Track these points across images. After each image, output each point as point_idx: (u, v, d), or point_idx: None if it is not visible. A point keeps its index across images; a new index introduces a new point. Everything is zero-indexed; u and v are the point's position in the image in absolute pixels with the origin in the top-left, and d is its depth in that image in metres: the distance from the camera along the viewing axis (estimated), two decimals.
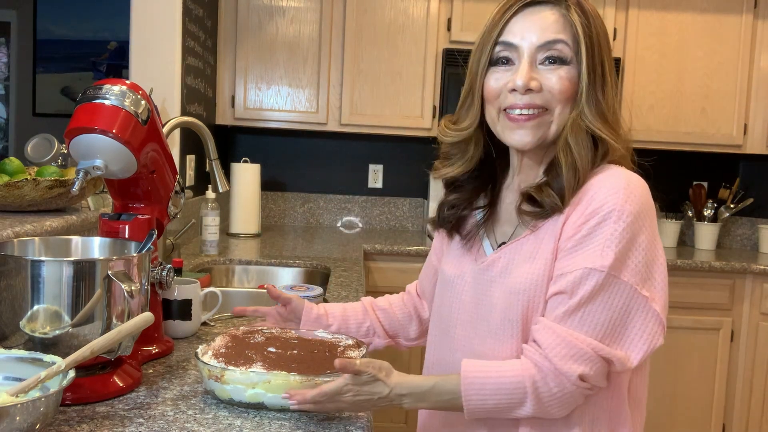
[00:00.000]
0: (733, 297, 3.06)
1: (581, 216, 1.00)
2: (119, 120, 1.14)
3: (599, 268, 0.96)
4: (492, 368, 1.00)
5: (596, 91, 1.03)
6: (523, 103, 1.04)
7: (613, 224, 0.97)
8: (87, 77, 5.03)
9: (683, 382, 3.08)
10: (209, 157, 1.93)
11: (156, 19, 2.45)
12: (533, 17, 1.05)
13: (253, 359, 1.07)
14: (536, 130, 1.05)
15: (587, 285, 0.97)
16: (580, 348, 0.96)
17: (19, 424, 0.79)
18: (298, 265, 2.48)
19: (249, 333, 1.20)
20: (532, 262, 1.04)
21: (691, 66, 3.26)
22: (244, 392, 1.02)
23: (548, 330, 0.99)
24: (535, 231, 1.05)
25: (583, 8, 1.06)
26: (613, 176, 1.01)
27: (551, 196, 1.03)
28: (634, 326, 0.99)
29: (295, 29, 3.21)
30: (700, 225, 3.46)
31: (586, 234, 0.99)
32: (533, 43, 1.04)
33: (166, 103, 2.49)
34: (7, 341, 1.02)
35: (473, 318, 1.11)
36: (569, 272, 0.99)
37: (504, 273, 1.07)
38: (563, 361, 0.96)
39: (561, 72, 1.03)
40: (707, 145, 3.30)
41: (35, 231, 1.36)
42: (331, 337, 1.22)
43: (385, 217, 3.68)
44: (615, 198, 0.98)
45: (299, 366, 1.05)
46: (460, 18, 3.21)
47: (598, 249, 0.97)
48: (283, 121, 3.25)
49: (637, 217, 0.98)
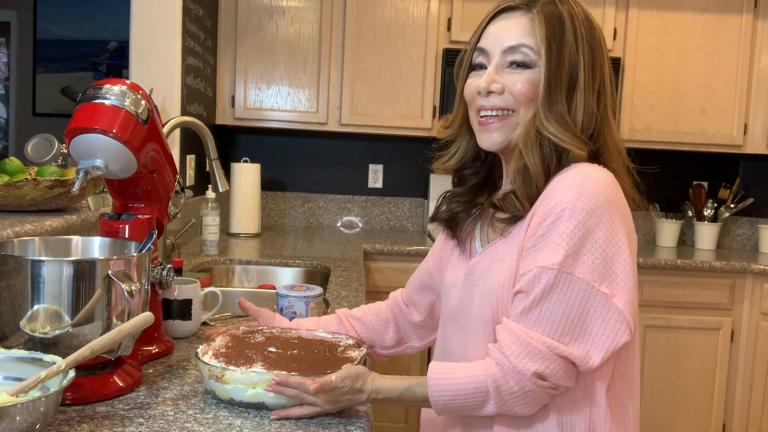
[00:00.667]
0: (733, 297, 3.06)
1: (539, 216, 1.02)
2: (119, 120, 1.14)
3: (550, 266, 0.97)
4: (457, 371, 1.03)
5: (557, 96, 1.04)
6: (488, 105, 1.08)
7: (565, 222, 0.98)
8: (87, 77, 5.02)
9: (683, 382, 3.08)
10: (209, 157, 1.93)
11: (156, 19, 2.45)
12: (503, 22, 1.08)
13: (253, 359, 1.07)
14: (501, 131, 1.08)
15: (540, 283, 0.98)
16: (534, 346, 0.97)
17: (19, 424, 0.79)
18: (298, 265, 2.48)
19: (249, 333, 1.21)
20: (502, 264, 1.07)
21: (691, 66, 3.26)
22: (245, 392, 1.02)
23: (506, 329, 1.01)
24: (506, 236, 1.09)
25: (555, 13, 1.05)
26: (571, 175, 1.01)
27: (513, 203, 1.06)
28: (594, 324, 0.98)
29: (295, 29, 3.21)
30: (700, 225, 3.46)
31: (542, 234, 1.00)
32: (501, 47, 1.07)
33: (166, 103, 2.49)
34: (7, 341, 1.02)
35: (459, 321, 1.14)
36: (526, 272, 1.01)
37: (482, 276, 1.10)
38: (518, 359, 0.98)
39: (524, 76, 1.05)
40: (707, 144, 3.30)
41: (35, 231, 1.36)
42: (332, 336, 1.22)
43: (385, 217, 3.68)
44: (567, 196, 0.98)
45: (299, 366, 1.06)
46: (460, 18, 3.21)
47: (550, 247, 0.98)
48: (283, 121, 3.25)
49: (591, 213, 0.97)
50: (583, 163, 1.04)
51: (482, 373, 1.00)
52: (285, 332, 1.23)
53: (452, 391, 1.02)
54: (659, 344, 3.05)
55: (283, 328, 1.25)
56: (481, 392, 1.00)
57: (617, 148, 1.10)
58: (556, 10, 1.05)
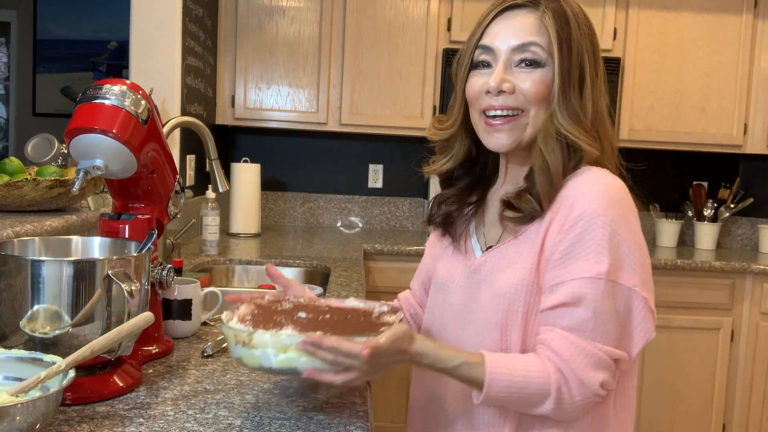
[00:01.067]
0: (733, 297, 3.06)
1: (564, 222, 1.01)
2: (119, 120, 1.14)
3: (596, 276, 0.97)
4: (515, 366, 0.99)
5: (570, 94, 1.03)
6: (498, 105, 1.06)
7: (601, 230, 0.98)
8: (87, 77, 5.03)
9: (683, 382, 3.08)
10: (209, 157, 1.93)
11: (156, 19, 2.45)
12: (510, 21, 1.06)
13: (283, 324, 0.97)
14: (511, 132, 1.06)
15: (590, 295, 0.97)
16: (599, 356, 0.98)
17: (19, 424, 0.79)
18: (298, 265, 2.48)
19: (275, 302, 1.11)
20: (515, 267, 1.05)
21: (691, 66, 3.26)
22: (275, 357, 0.93)
23: (564, 340, 0.99)
24: (517, 237, 1.07)
25: (561, 11, 1.05)
26: (593, 180, 1.01)
27: (530, 202, 1.04)
28: (635, 325, 1.01)
29: (295, 29, 3.21)
30: (700, 225, 3.46)
31: (574, 242, 0.99)
32: (508, 45, 1.05)
33: (166, 103, 2.49)
34: (7, 341, 1.02)
35: (462, 320, 1.13)
36: (565, 282, 0.99)
37: (489, 276, 1.09)
38: (585, 370, 0.97)
39: (535, 74, 1.04)
40: (707, 145, 3.30)
41: (35, 231, 1.36)
42: (364, 304, 1.12)
43: (385, 217, 3.68)
44: (596, 203, 0.98)
45: (333, 330, 0.95)
46: (460, 18, 3.21)
47: (591, 256, 0.98)
48: (283, 121, 3.25)
49: (622, 220, 0.99)
50: (593, 167, 1.05)
51: (544, 375, 0.98)
52: (313, 301, 1.13)
53: (513, 387, 0.98)
54: (659, 344, 3.04)
55: (310, 298, 1.15)
56: (541, 394, 0.98)
57: (611, 145, 1.10)
58: (561, 7, 1.05)
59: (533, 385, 0.98)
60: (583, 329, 0.98)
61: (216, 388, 1.12)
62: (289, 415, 1.02)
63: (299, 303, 1.10)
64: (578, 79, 1.04)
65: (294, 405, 1.07)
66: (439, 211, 1.21)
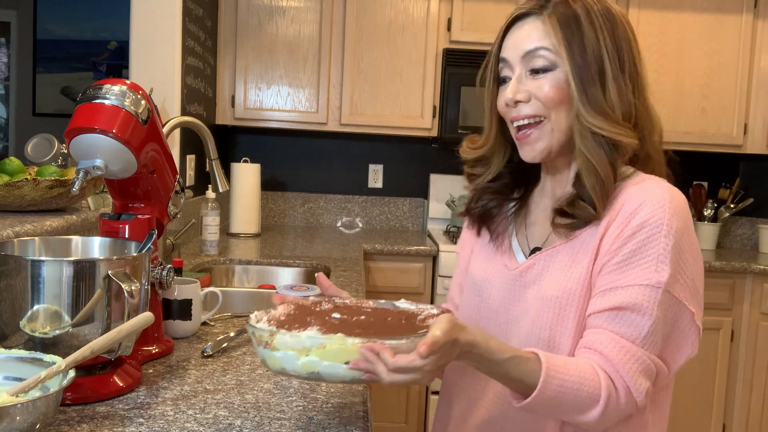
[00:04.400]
0: (733, 297, 3.06)
1: (625, 228, 0.99)
2: (119, 120, 1.14)
3: (656, 284, 0.96)
4: (569, 368, 0.94)
5: (592, 90, 1.02)
6: (520, 115, 1.06)
7: (664, 239, 0.96)
8: (87, 77, 5.02)
9: (683, 382, 3.08)
10: (209, 157, 1.93)
11: (156, 19, 2.45)
12: (518, 30, 1.07)
13: (310, 324, 0.90)
14: (538, 142, 1.06)
15: (647, 302, 0.96)
16: (648, 363, 0.97)
17: (19, 424, 0.79)
18: (298, 265, 2.48)
19: (318, 303, 1.03)
20: (567, 270, 1.03)
21: (691, 66, 3.26)
22: (296, 360, 0.85)
23: (615, 343, 0.97)
24: (570, 240, 1.05)
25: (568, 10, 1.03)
26: (656, 188, 1.00)
27: (584, 209, 1.02)
28: (680, 340, 1.00)
29: (295, 29, 3.21)
30: (701, 225, 3.46)
31: (636, 248, 0.98)
32: (519, 55, 1.05)
33: (166, 103, 2.49)
34: (7, 341, 1.02)
35: (505, 323, 1.10)
36: (622, 287, 0.97)
37: (537, 280, 1.06)
38: (635, 376, 0.96)
39: (546, 79, 1.03)
40: (707, 144, 3.30)
41: (35, 231, 1.36)
42: (415, 307, 1.03)
43: (385, 217, 3.68)
44: (662, 212, 0.97)
45: (363, 331, 0.88)
46: (460, 18, 3.21)
47: (652, 264, 0.96)
48: (283, 121, 3.25)
49: (683, 232, 0.98)
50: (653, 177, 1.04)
51: (597, 380, 0.95)
52: (360, 302, 1.05)
53: (566, 388, 0.93)
54: None
55: (359, 299, 1.07)
56: (592, 399, 0.95)
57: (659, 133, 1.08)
58: (568, 8, 1.04)
59: (586, 388, 0.94)
60: (636, 336, 0.96)
61: (216, 388, 1.12)
62: (289, 415, 1.02)
63: (343, 305, 1.02)
64: (598, 75, 1.02)
65: (294, 405, 1.07)
66: (478, 205, 1.18)
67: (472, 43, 3.19)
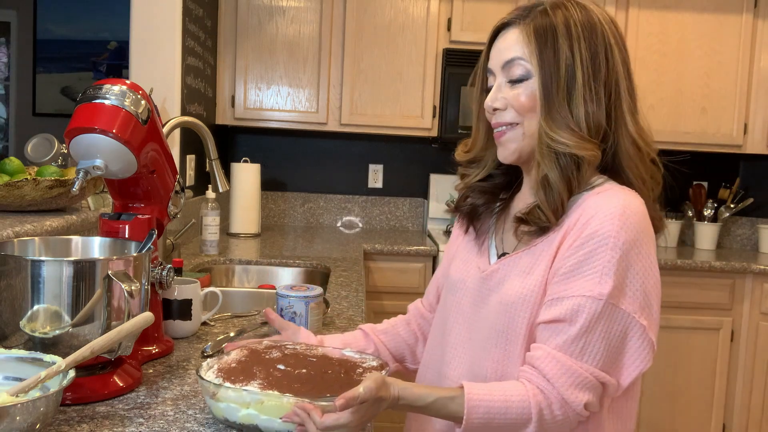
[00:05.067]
0: (733, 297, 3.06)
1: (577, 238, 1.00)
2: (119, 120, 1.14)
3: (597, 296, 0.97)
4: (495, 392, 0.98)
5: (557, 103, 1.03)
6: (498, 122, 1.10)
7: (610, 251, 0.97)
8: (87, 77, 5.03)
9: (683, 382, 3.08)
10: (209, 157, 1.93)
11: (156, 19, 2.45)
12: (501, 40, 1.10)
13: (255, 376, 0.99)
14: (510, 144, 1.09)
15: (586, 313, 0.97)
16: (585, 377, 0.97)
17: (19, 424, 0.79)
18: (298, 265, 2.48)
19: (269, 348, 1.12)
20: (526, 277, 1.05)
21: (691, 66, 3.26)
22: (237, 412, 0.95)
23: (551, 358, 0.98)
24: (531, 248, 1.07)
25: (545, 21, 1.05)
26: (611, 200, 1.01)
27: (540, 217, 1.05)
28: (630, 353, 1.00)
29: (295, 29, 3.21)
30: (700, 225, 3.47)
31: (582, 260, 0.99)
32: (499, 65, 1.09)
33: (166, 103, 2.49)
34: (7, 341, 1.02)
35: (470, 324, 1.13)
36: (565, 298, 0.99)
37: (500, 285, 1.09)
38: (570, 390, 0.97)
39: (522, 88, 1.06)
40: (707, 144, 3.30)
41: (35, 231, 1.36)
42: (359, 357, 1.12)
43: (385, 217, 3.68)
44: (610, 224, 0.98)
45: (302, 386, 0.98)
46: (460, 18, 3.21)
47: (596, 277, 0.97)
48: (283, 121, 3.25)
49: (633, 245, 0.98)
50: (617, 186, 1.05)
51: (525, 398, 0.97)
52: (310, 349, 1.13)
53: (493, 413, 0.96)
54: (659, 344, 3.02)
55: (308, 345, 1.16)
56: (524, 417, 0.97)
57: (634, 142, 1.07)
58: (547, 19, 1.05)
59: (514, 409, 0.97)
60: (573, 348, 0.98)
61: None
62: None
63: (292, 352, 1.10)
64: (566, 87, 1.03)
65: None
66: (467, 202, 1.20)
67: (472, 43, 3.19)
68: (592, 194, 1.04)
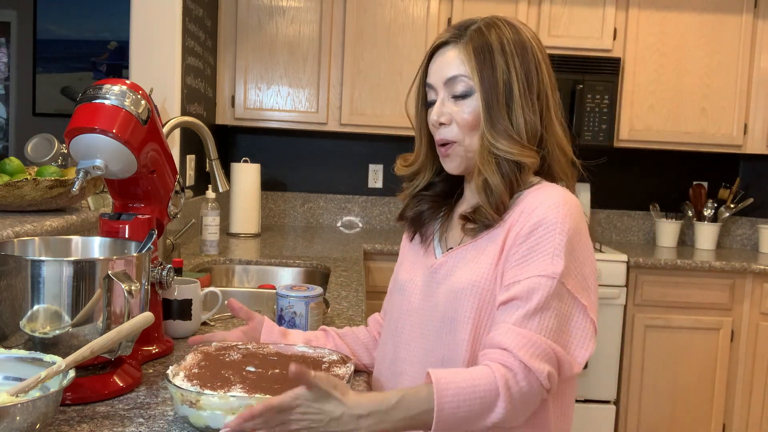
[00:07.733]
0: (733, 297, 3.06)
1: (524, 227, 1.07)
2: (119, 120, 1.14)
3: (551, 275, 1.02)
4: (462, 373, 0.99)
5: (498, 115, 1.10)
6: (441, 138, 1.16)
7: (559, 235, 1.04)
8: (87, 77, 5.03)
9: (683, 382, 3.08)
10: (209, 157, 1.93)
11: (156, 19, 2.45)
12: (440, 57, 1.16)
13: (231, 381, 0.99)
14: (455, 158, 1.16)
15: (542, 291, 1.02)
16: (544, 348, 1.00)
17: (19, 424, 0.79)
18: (298, 265, 2.48)
19: (223, 350, 1.13)
20: (473, 265, 1.11)
21: (691, 66, 3.26)
22: (223, 419, 0.93)
23: (512, 331, 1.01)
24: (477, 241, 1.13)
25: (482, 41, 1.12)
26: (553, 193, 1.09)
27: (484, 216, 1.12)
28: (576, 333, 1.05)
29: (295, 29, 3.21)
30: (700, 225, 3.46)
31: (533, 246, 1.05)
32: (441, 81, 1.14)
33: (166, 103, 2.49)
34: (7, 341, 1.02)
35: (421, 319, 1.16)
36: (522, 279, 1.04)
37: (448, 275, 1.14)
38: (533, 359, 0.99)
39: (464, 105, 1.13)
40: (707, 144, 3.30)
41: (35, 231, 1.36)
42: (313, 351, 1.14)
43: (385, 217, 3.68)
44: (556, 213, 1.05)
45: (282, 387, 0.97)
46: (460, 18, 3.18)
47: (548, 258, 1.03)
48: (283, 121, 3.25)
49: (575, 231, 1.06)
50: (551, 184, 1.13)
51: (490, 375, 0.98)
52: (261, 348, 1.15)
53: (463, 395, 0.96)
54: (659, 344, 3.05)
55: (259, 344, 1.17)
56: (491, 394, 0.97)
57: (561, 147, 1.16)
58: (482, 38, 1.12)
59: (481, 387, 0.97)
60: (531, 323, 1.01)
61: None
62: None
63: (248, 352, 1.13)
64: (505, 100, 1.11)
65: None
66: (411, 210, 1.25)
67: None
68: (531, 191, 1.11)
